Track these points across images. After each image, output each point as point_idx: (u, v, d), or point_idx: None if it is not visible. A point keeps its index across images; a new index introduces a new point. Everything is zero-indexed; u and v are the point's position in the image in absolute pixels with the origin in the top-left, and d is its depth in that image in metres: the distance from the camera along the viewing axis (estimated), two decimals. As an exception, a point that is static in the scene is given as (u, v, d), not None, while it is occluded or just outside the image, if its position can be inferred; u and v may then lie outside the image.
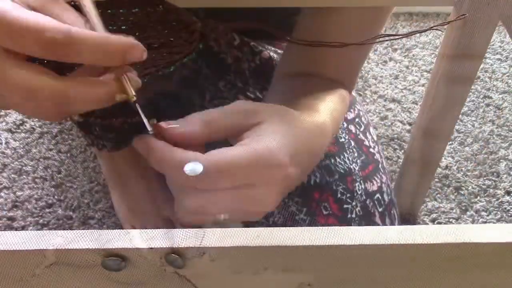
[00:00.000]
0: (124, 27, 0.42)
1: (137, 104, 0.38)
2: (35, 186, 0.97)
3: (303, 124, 0.44)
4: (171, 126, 0.39)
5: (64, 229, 0.91)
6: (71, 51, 0.33)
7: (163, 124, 0.39)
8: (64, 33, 0.32)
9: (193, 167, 0.36)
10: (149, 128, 0.38)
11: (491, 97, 1.19)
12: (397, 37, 0.55)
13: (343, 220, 0.61)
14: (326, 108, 0.50)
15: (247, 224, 0.38)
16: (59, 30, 0.32)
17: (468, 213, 0.97)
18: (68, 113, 0.37)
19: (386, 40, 0.55)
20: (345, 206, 0.62)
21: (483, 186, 1.01)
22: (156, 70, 0.42)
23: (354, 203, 0.63)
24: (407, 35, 0.56)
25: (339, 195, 0.62)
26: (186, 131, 0.39)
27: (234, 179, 0.37)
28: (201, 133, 0.39)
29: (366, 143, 0.71)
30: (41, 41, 0.32)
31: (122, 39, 0.35)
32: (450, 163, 1.05)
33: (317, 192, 0.62)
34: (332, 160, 0.64)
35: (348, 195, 0.63)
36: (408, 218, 0.94)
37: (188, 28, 0.43)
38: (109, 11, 0.42)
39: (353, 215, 0.62)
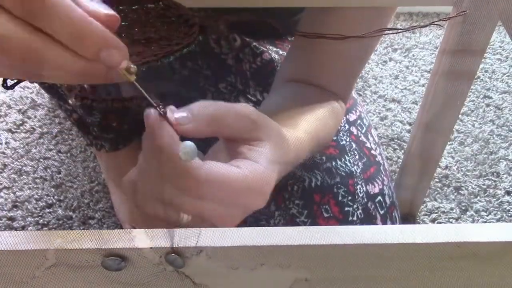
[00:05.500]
0: (124, 23, 0.43)
1: (135, 83, 0.35)
2: (35, 186, 0.97)
3: (289, 157, 0.45)
4: (177, 117, 0.38)
5: (64, 229, 0.91)
6: (45, 11, 0.29)
7: (169, 115, 0.37)
8: None
9: (189, 149, 0.36)
10: (154, 104, 0.37)
11: (491, 97, 1.19)
12: (398, 31, 0.55)
13: (344, 223, 0.61)
14: (312, 128, 0.52)
15: None
16: None
17: (468, 213, 0.97)
18: (38, 75, 0.32)
19: (387, 34, 0.55)
20: (346, 208, 0.62)
21: (483, 186, 1.01)
22: (155, 60, 0.42)
23: (355, 206, 0.63)
24: (408, 29, 0.56)
25: (340, 198, 0.62)
26: (192, 128, 0.38)
27: (216, 195, 0.38)
28: (205, 131, 0.39)
29: (368, 145, 0.71)
30: None
31: (106, 32, 0.31)
32: (450, 163, 1.05)
33: (318, 195, 0.62)
34: (333, 163, 0.64)
35: (349, 197, 0.63)
36: (408, 218, 0.94)
37: (188, 22, 0.43)
38: None
39: (354, 218, 0.62)
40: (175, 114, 0.38)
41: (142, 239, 0.33)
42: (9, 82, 0.42)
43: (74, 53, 0.31)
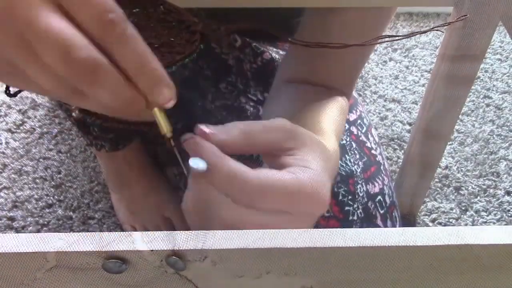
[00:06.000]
0: None
1: (171, 140, 0.37)
2: (35, 186, 0.97)
3: (331, 158, 0.44)
4: (211, 132, 0.37)
5: (64, 229, 0.91)
6: (121, 38, 0.32)
7: (204, 128, 0.37)
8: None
9: (197, 163, 0.36)
10: (185, 169, 0.37)
11: (491, 97, 1.19)
12: (397, 38, 0.55)
13: (345, 222, 0.61)
14: (335, 130, 0.51)
15: None
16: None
17: (468, 213, 0.97)
18: (81, 99, 0.34)
19: (387, 41, 0.55)
20: (347, 208, 0.62)
21: (483, 186, 1.01)
22: None
23: (355, 205, 0.63)
24: (408, 36, 0.56)
25: (340, 197, 0.62)
26: (225, 139, 0.38)
27: (275, 203, 0.37)
28: (239, 144, 0.38)
29: (368, 144, 0.71)
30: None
31: (163, 70, 0.34)
32: (450, 163, 1.05)
33: None
34: (334, 163, 0.64)
35: (349, 197, 0.63)
36: (408, 218, 0.94)
37: (189, 28, 0.42)
38: None
39: (355, 217, 0.62)
40: (210, 128, 0.38)
41: (143, 241, 0.33)
42: (12, 90, 0.42)
43: (128, 81, 0.33)
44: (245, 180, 0.35)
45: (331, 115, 0.53)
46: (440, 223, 0.96)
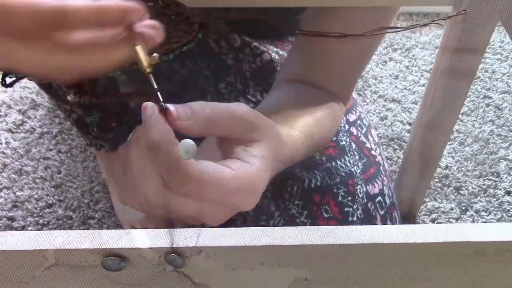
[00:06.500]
0: None
1: (151, 76, 0.36)
2: (35, 186, 0.97)
3: (283, 155, 0.45)
4: (179, 111, 0.38)
5: (64, 229, 0.91)
6: (65, 26, 0.31)
7: (172, 110, 0.38)
8: (54, 11, 0.31)
9: (190, 148, 0.36)
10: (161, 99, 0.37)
11: (491, 97, 1.19)
12: (398, 30, 0.55)
13: (344, 223, 0.61)
14: (308, 133, 0.51)
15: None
16: (48, 9, 0.30)
17: (468, 213, 0.97)
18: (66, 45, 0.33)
19: (387, 33, 0.55)
20: (346, 209, 0.62)
21: (483, 186, 1.01)
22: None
23: (355, 206, 0.63)
24: (409, 28, 0.56)
25: (340, 198, 0.62)
26: (187, 125, 0.38)
27: (209, 197, 0.37)
28: (200, 131, 0.39)
29: (368, 145, 0.71)
30: (31, 22, 0.30)
31: (119, 3, 0.33)
32: (450, 163, 1.05)
33: (317, 195, 0.62)
34: (333, 163, 0.64)
35: (349, 198, 0.63)
36: (408, 218, 0.94)
37: (188, 20, 0.43)
38: None
39: (354, 218, 0.62)
40: (176, 108, 0.38)
41: (142, 239, 0.33)
42: (8, 80, 0.42)
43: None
44: (186, 171, 0.36)
45: (313, 113, 0.53)
46: (440, 223, 0.96)
